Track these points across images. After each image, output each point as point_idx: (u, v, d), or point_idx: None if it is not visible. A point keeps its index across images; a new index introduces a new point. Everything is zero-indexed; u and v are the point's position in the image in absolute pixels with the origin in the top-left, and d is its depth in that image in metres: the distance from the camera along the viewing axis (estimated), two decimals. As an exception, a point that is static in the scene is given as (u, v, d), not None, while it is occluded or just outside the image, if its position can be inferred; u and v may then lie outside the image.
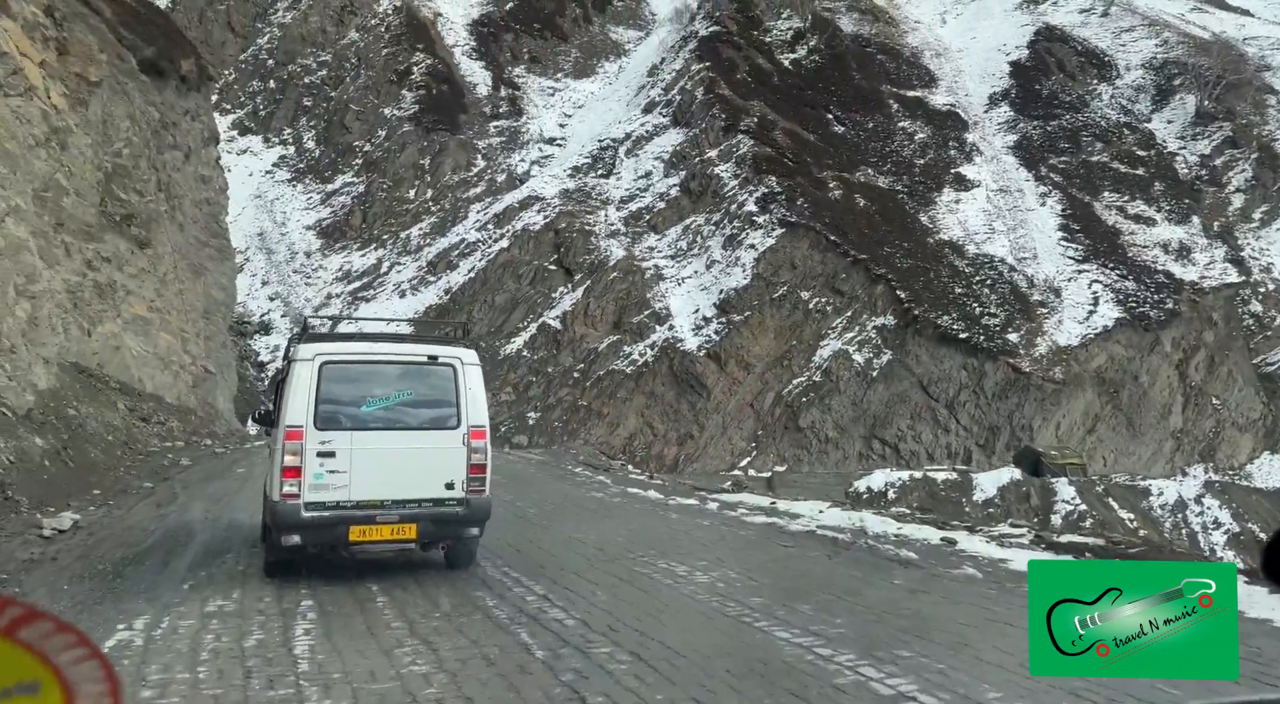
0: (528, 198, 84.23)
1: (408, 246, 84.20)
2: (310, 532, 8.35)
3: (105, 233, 19.74)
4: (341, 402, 8.85)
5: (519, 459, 25.33)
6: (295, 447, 8.29)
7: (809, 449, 68.93)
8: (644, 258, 78.89)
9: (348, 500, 8.47)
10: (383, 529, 8.60)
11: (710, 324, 72.89)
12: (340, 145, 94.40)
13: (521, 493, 16.52)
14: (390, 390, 9.05)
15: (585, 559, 10.66)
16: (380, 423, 8.99)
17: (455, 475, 8.92)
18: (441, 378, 9.20)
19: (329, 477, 8.42)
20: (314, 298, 79.66)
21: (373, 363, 9.17)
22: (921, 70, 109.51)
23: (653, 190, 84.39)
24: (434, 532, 8.93)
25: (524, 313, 75.72)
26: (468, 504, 8.92)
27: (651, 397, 70.93)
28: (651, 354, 72.15)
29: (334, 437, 8.55)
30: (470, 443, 8.99)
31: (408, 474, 8.82)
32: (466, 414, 9.09)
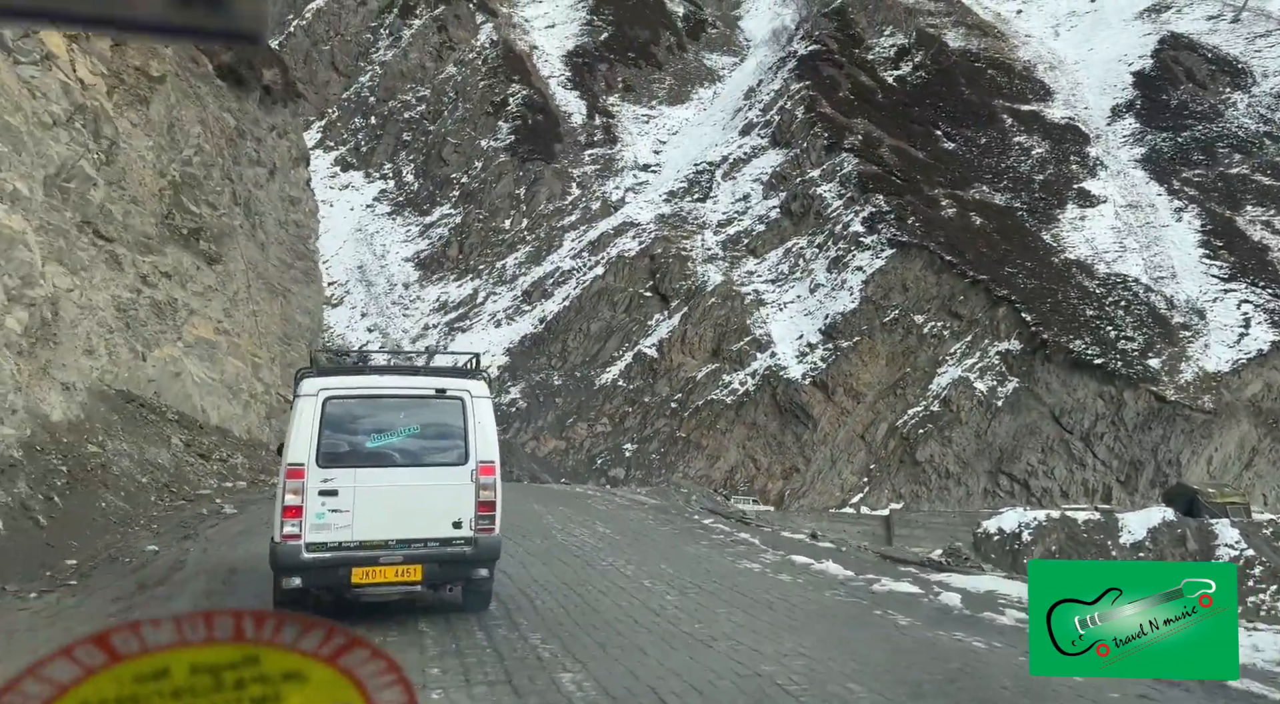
0: (623, 224, 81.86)
1: (503, 276, 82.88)
2: (312, 573, 7.71)
3: (167, 245, 17.64)
4: (345, 438, 8.06)
5: (631, 505, 21.69)
6: (297, 485, 7.66)
7: (927, 485, 63.38)
8: (743, 282, 75.26)
9: (350, 541, 7.77)
10: (386, 571, 7.84)
11: (815, 351, 68.48)
12: (438, 177, 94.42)
13: (648, 561, 12.23)
14: (396, 425, 8.21)
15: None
16: (385, 459, 8.18)
17: (463, 513, 8.18)
18: (450, 411, 8.46)
19: (331, 516, 7.73)
20: (411, 329, 78.92)
21: (378, 397, 8.44)
22: (1035, 84, 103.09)
23: (751, 213, 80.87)
24: (441, 573, 8.19)
25: (619, 341, 72.98)
26: (476, 544, 8.17)
27: (753, 427, 66.84)
28: (753, 383, 68.18)
29: (337, 474, 7.82)
30: (479, 479, 8.25)
31: (413, 513, 8.09)
32: (475, 449, 8.33)
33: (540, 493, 27.90)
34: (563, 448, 67.02)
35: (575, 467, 66.09)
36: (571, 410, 68.79)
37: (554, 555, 13.12)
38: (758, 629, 8.16)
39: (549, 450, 66.73)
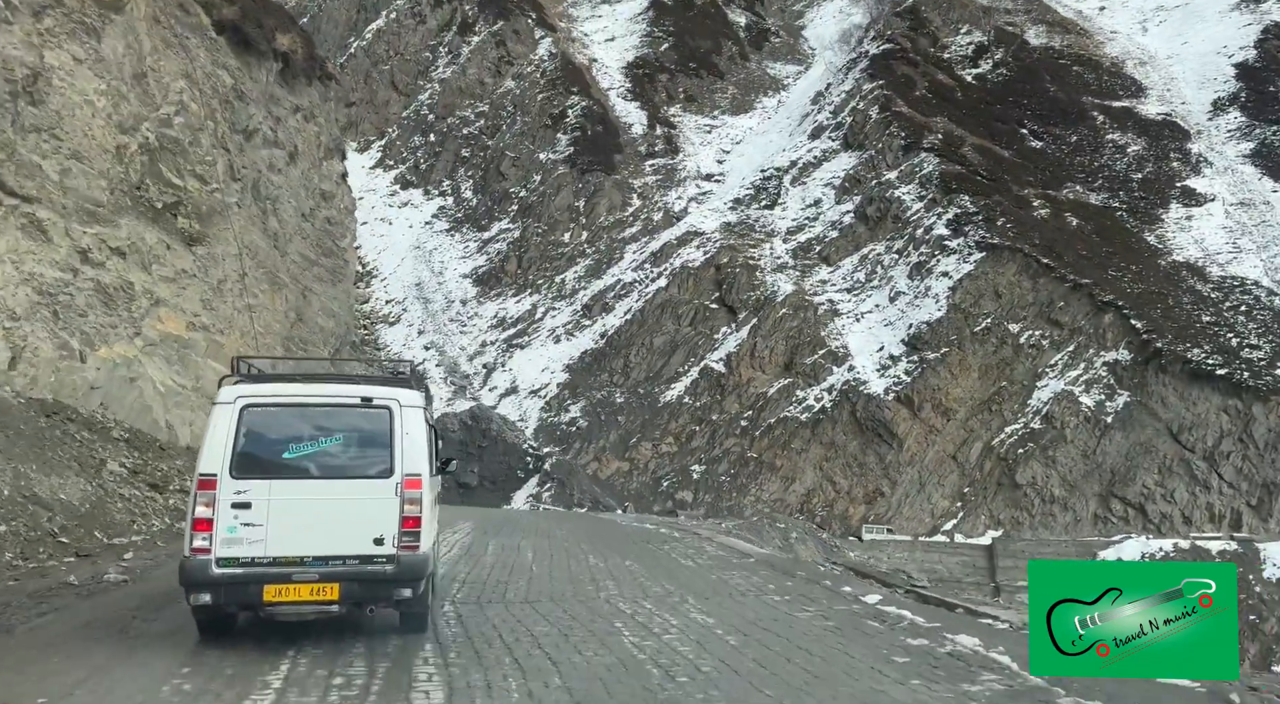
0: (686, 233, 77.14)
1: (562, 291, 78.85)
2: (221, 590, 7.03)
3: (122, 216, 13.67)
4: (262, 447, 7.47)
5: (727, 555, 14.23)
6: (208, 497, 7.05)
7: (1029, 510, 56.62)
8: (816, 292, 69.71)
9: (263, 556, 7.16)
10: (300, 589, 7.16)
11: (898, 363, 62.44)
12: (496, 192, 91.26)
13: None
14: (317, 435, 7.55)
15: None
16: (302, 471, 7.50)
17: (385, 529, 7.36)
18: (375, 421, 7.62)
19: (243, 530, 7.11)
20: (469, 346, 75.38)
21: (300, 406, 7.68)
22: (1126, 80, 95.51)
23: (823, 219, 75.35)
24: (360, 592, 7.33)
25: (684, 356, 68.04)
26: (398, 562, 7.34)
27: (831, 447, 61.02)
28: (829, 399, 62.43)
29: (251, 486, 7.22)
30: (404, 493, 7.41)
31: (331, 527, 7.34)
32: (401, 461, 7.52)
33: (600, 530, 23.12)
34: (626, 469, 62.18)
35: (639, 489, 61.16)
36: (635, 429, 64.00)
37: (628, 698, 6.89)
38: None
39: (611, 472, 61.96)
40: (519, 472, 59.63)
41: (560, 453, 61.46)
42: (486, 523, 22.00)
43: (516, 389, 68.71)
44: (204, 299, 15.21)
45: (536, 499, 56.90)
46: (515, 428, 63.50)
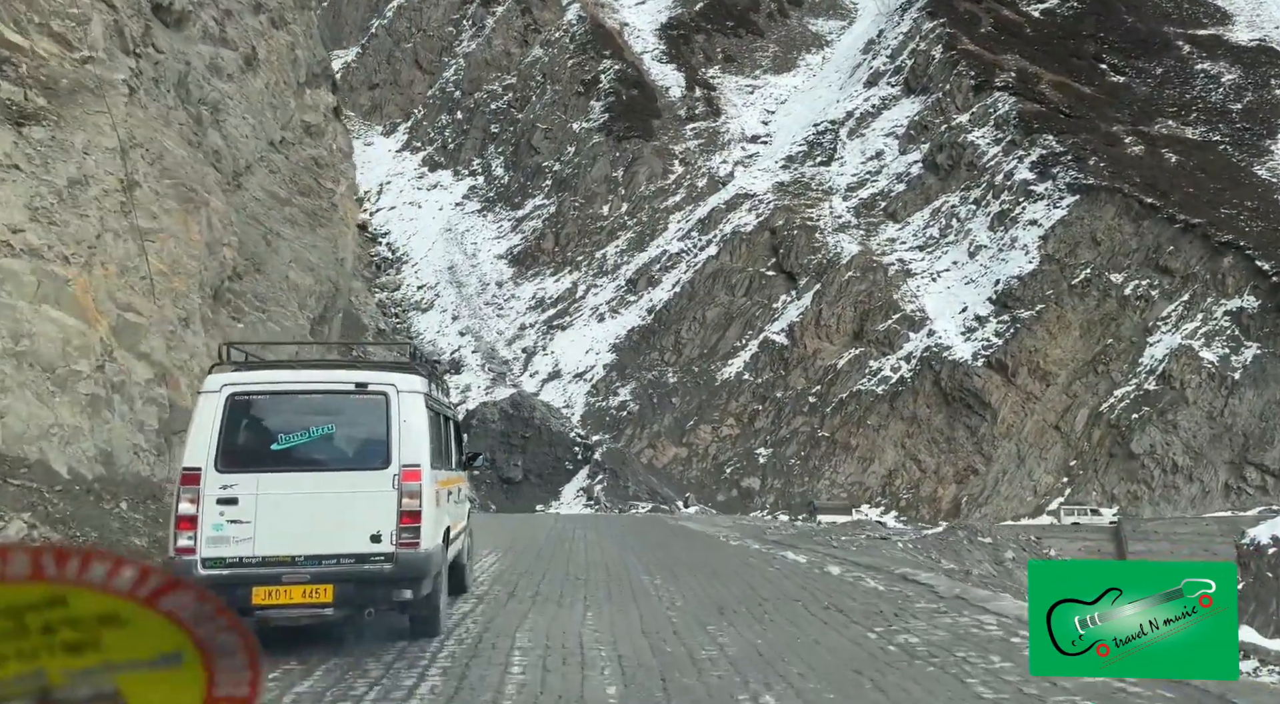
0: (735, 197, 70.15)
1: (604, 266, 72.51)
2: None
3: None
4: (250, 439, 6.81)
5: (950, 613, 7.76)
6: (192, 492, 6.42)
7: (1148, 483, 48.82)
8: (884, 252, 62.36)
9: (251, 556, 6.43)
10: (292, 591, 6.41)
11: (986, 325, 54.89)
12: (529, 167, 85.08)
13: None
14: (308, 424, 6.78)
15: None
16: (292, 463, 6.67)
17: (383, 525, 6.54)
18: (370, 409, 6.78)
19: (230, 527, 6.44)
20: (506, 330, 69.48)
21: (290, 394, 6.94)
22: (1209, 7, 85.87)
23: (887, 172, 67.82)
24: (356, 594, 6.52)
25: (741, 328, 61.24)
26: (397, 561, 6.51)
27: (914, 422, 53.80)
28: (908, 368, 55.16)
29: (238, 480, 6.50)
30: (402, 485, 6.58)
31: (324, 524, 6.55)
32: (399, 451, 6.64)
33: (672, 550, 16.62)
34: (684, 456, 55.66)
35: (701, 478, 54.62)
36: (691, 411, 57.44)
37: None
38: None
39: (669, 460, 55.49)
40: (567, 463, 53.50)
41: (610, 440, 55.20)
42: (522, 549, 15.08)
43: (560, 373, 62.60)
44: (37, 207, 9.28)
45: (588, 496, 50.63)
46: (560, 415, 57.39)
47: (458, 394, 60.67)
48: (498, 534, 17.88)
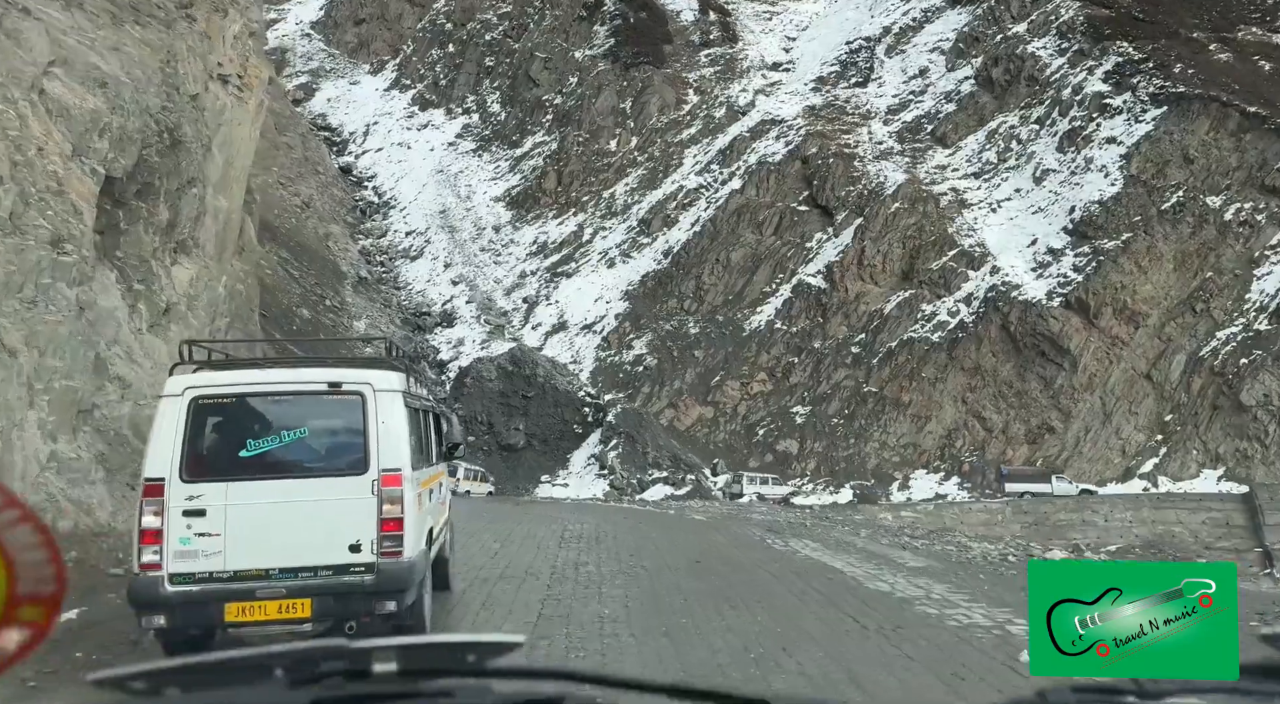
0: (761, 123, 61.66)
1: (612, 206, 64.37)
2: (177, 611, 5.94)
3: None
4: (217, 445, 6.28)
5: None
6: (156, 504, 5.97)
7: (1261, 440, 41.08)
8: (934, 180, 54.09)
9: (222, 571, 5.97)
10: (267, 606, 5.97)
11: (1062, 259, 46.83)
12: (527, 102, 76.45)
13: None
14: (279, 428, 6.31)
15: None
16: (263, 470, 6.18)
17: (362, 534, 6.10)
18: (346, 410, 6.33)
19: (198, 541, 5.95)
20: (505, 278, 61.64)
21: (258, 395, 6.41)
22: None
23: (933, 91, 59.18)
24: (335, 608, 6.10)
25: (771, 271, 53.29)
26: (378, 571, 6.07)
27: (977, 373, 46.07)
28: (969, 311, 47.27)
29: (205, 490, 6.02)
30: (382, 491, 6.11)
31: (299, 534, 6.07)
32: (377, 455, 6.16)
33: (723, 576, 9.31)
34: (710, 416, 48.10)
35: (729, 441, 47.12)
36: (717, 366, 49.77)
37: None
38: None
39: (692, 421, 47.94)
40: (575, 425, 46.01)
41: (625, 400, 47.61)
42: (501, 575, 8.12)
43: (565, 324, 54.88)
44: None
45: (601, 464, 43.16)
46: (567, 372, 49.78)
47: (450, 348, 53.08)
48: (488, 526, 10.56)
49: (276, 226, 51.69)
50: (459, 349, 51.52)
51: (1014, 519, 31.42)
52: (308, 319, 41.90)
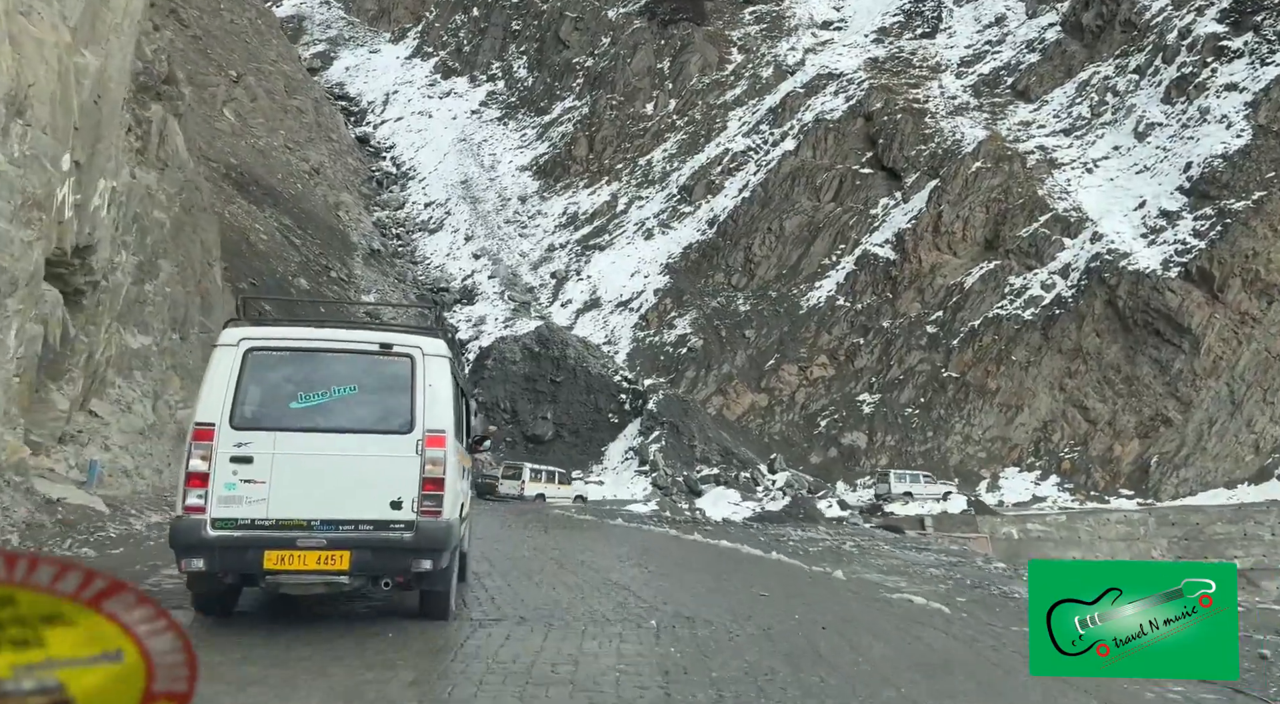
0: (817, 78, 55.24)
1: (649, 174, 58.37)
2: (217, 555, 5.91)
3: None
4: (267, 396, 6.27)
5: None
6: (204, 449, 6.01)
7: None
8: (1018, 138, 47.43)
9: (265, 518, 5.94)
10: (306, 557, 5.88)
11: (1178, 223, 40.08)
12: (556, 65, 70.60)
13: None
14: (329, 384, 6.30)
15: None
16: (312, 423, 6.20)
17: (404, 492, 6.09)
18: (395, 371, 6.37)
19: (243, 487, 5.96)
20: (531, 251, 55.91)
21: (310, 351, 6.46)
22: None
23: (1012, 40, 52.39)
24: (374, 563, 6.05)
25: (830, 240, 47.03)
26: (418, 529, 6.03)
27: (1078, 356, 39.58)
28: (1067, 284, 40.74)
29: (253, 438, 6.03)
30: (425, 451, 6.15)
31: (343, 488, 6.09)
32: (423, 415, 6.21)
33: None
34: (764, 405, 42.04)
35: (787, 433, 41.04)
36: (770, 348, 43.67)
37: None
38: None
39: (744, 410, 41.92)
40: (610, 415, 40.19)
41: (667, 386, 41.69)
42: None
43: (599, 301, 49.02)
44: None
45: (641, 458, 37.28)
46: (601, 353, 43.95)
47: (470, 327, 47.45)
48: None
49: (280, 191, 46.41)
50: (480, 328, 45.90)
51: (1159, 532, 25.33)
52: (305, 290, 36.45)
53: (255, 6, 65.62)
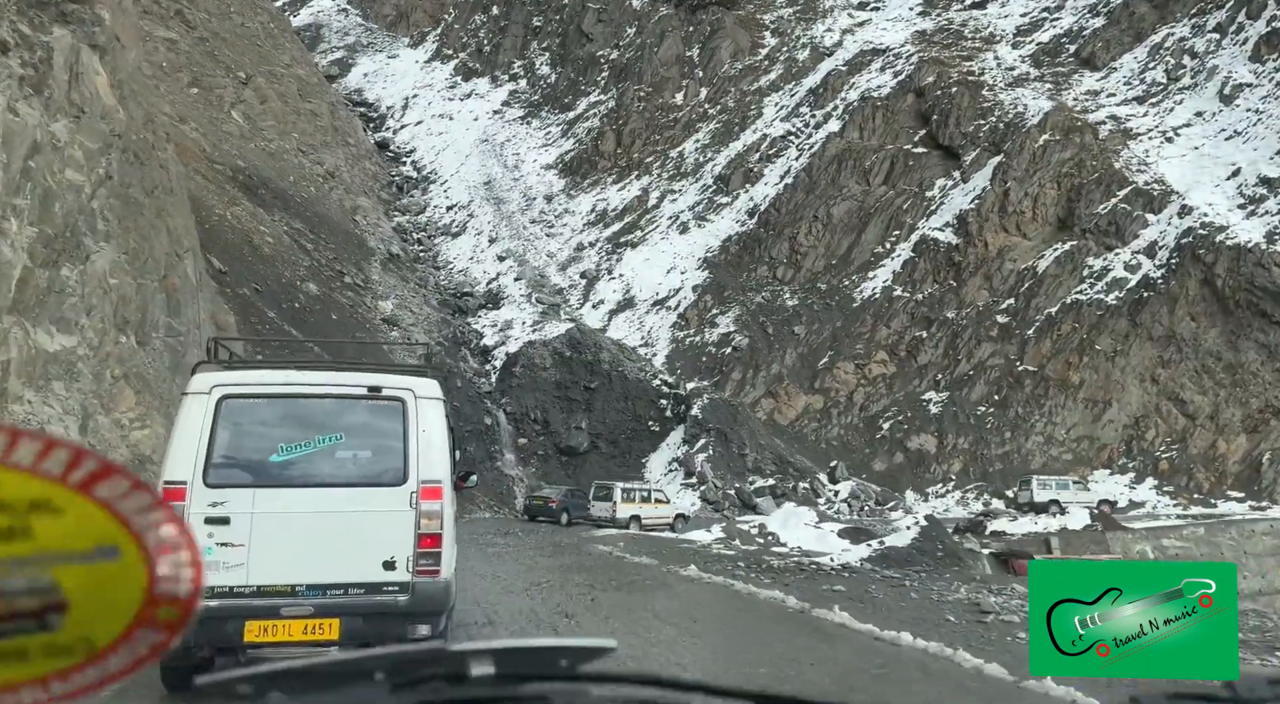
0: (860, 54, 51.53)
1: (681, 166, 55.00)
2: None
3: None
4: (244, 449, 5.79)
5: None
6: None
7: None
8: (1086, 108, 43.40)
9: (244, 585, 5.46)
10: (291, 626, 5.46)
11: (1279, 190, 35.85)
12: (580, 60, 67.66)
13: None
14: (312, 433, 5.81)
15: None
16: (295, 477, 5.70)
17: (397, 550, 5.61)
18: (385, 417, 5.87)
19: (220, 552, 5.44)
20: (559, 251, 52.76)
21: (291, 396, 5.89)
22: None
23: (1072, 5, 48.29)
24: (366, 630, 5.53)
25: (884, 226, 43.26)
26: (414, 591, 5.59)
27: (1170, 343, 35.41)
28: (1155, 264, 36.59)
29: (230, 497, 5.51)
30: (420, 505, 5.66)
31: (330, 548, 5.57)
32: (416, 465, 5.74)
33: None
34: (819, 407, 38.30)
35: (846, 438, 37.25)
36: (823, 345, 39.97)
37: None
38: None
39: (798, 413, 38.22)
40: (651, 422, 36.73)
41: (712, 389, 38.12)
42: None
43: (633, 301, 45.66)
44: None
45: (687, 470, 33.74)
46: (637, 356, 40.54)
47: (495, 332, 44.26)
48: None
49: (291, 195, 43.76)
50: (506, 333, 42.74)
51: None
52: (315, 296, 33.55)
53: (268, 10, 63.43)
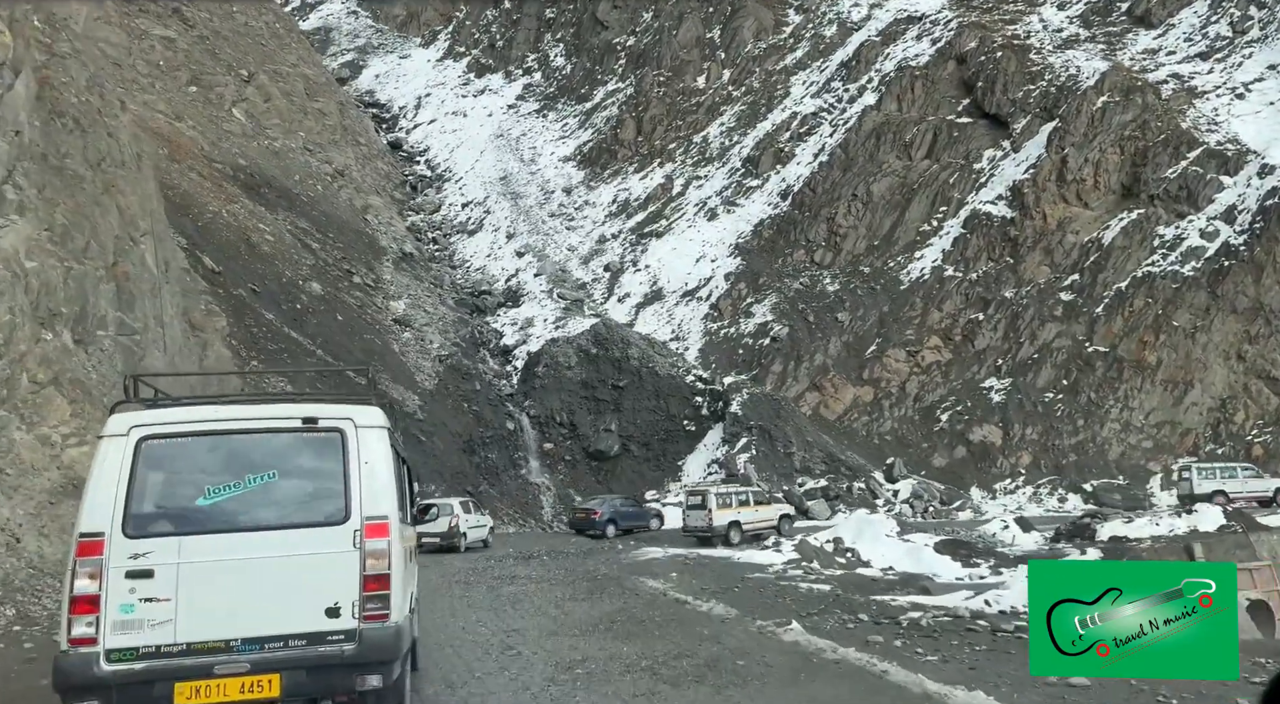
0: (894, 24, 48.52)
1: (706, 151, 52.24)
2: (115, 694, 4.88)
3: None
4: (168, 493, 5.29)
5: None
6: (92, 565, 4.99)
7: None
8: (1145, 67, 40.14)
9: (172, 644, 4.99)
10: (227, 685, 4.97)
11: (1378, 143, 32.36)
12: (595, 49, 65.18)
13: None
14: (243, 472, 5.28)
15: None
16: (224, 521, 5.19)
17: (341, 595, 5.13)
18: (323, 450, 5.37)
19: (144, 608, 4.99)
20: (581, 244, 50.19)
21: (218, 433, 5.38)
22: None
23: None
24: (309, 684, 5.09)
25: (929, 203, 40.22)
26: (361, 639, 5.10)
27: (1257, 316, 32.09)
28: (1234, 230, 33.27)
29: (153, 547, 5.03)
30: (365, 544, 5.16)
31: (267, 597, 5.10)
32: (359, 501, 5.23)
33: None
34: (869, 399, 35.32)
35: (901, 432, 34.24)
36: (869, 332, 37.00)
37: None
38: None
39: (846, 407, 35.27)
40: (686, 421, 33.97)
41: (751, 383, 35.28)
42: None
43: (661, 293, 42.94)
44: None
45: (728, 471, 30.89)
46: (668, 351, 37.77)
47: (516, 331, 41.64)
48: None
49: (296, 194, 41.58)
50: (527, 331, 40.19)
51: None
52: (319, 296, 31.19)
53: (273, 10, 61.55)
